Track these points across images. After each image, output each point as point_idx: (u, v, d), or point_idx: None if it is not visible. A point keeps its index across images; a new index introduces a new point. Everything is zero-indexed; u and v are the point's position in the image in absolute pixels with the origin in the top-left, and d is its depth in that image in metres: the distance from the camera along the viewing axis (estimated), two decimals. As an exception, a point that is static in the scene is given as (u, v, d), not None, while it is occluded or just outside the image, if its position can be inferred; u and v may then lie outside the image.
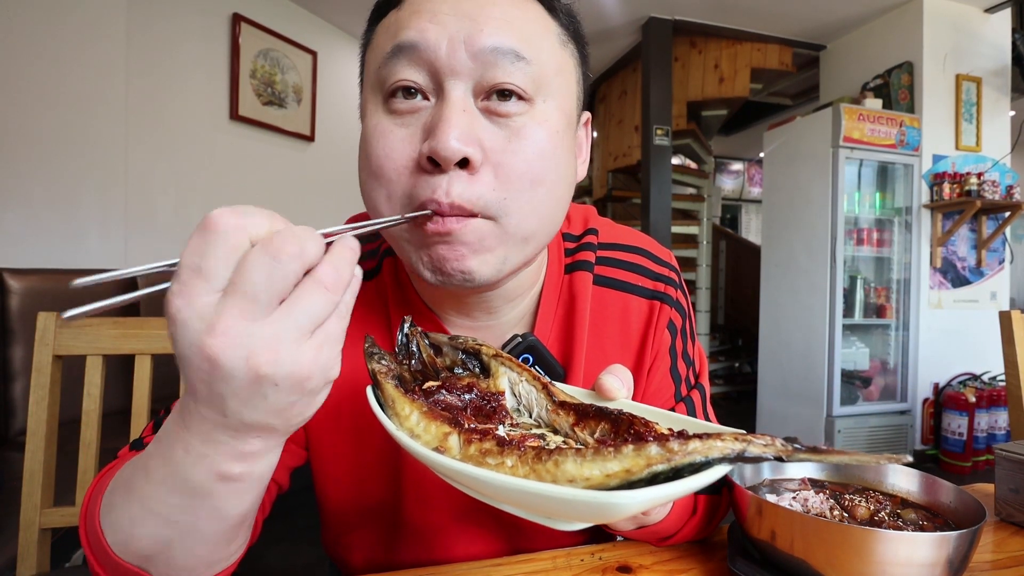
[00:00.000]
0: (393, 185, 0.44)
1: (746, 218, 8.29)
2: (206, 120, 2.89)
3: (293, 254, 0.27)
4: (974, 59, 3.30)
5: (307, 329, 0.29)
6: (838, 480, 0.61)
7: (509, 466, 0.28)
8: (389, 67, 0.43)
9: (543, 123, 0.45)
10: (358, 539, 0.61)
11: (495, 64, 0.42)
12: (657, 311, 0.60)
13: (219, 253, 0.27)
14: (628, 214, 4.83)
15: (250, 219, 0.28)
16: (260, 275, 0.27)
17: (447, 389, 0.39)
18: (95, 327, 0.86)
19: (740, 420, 3.99)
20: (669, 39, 3.65)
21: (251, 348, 0.27)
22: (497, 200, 0.43)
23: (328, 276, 0.29)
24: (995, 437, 3.06)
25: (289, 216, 0.31)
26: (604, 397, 0.40)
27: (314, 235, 0.29)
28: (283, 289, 0.28)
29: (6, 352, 1.93)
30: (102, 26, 2.43)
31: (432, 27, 0.42)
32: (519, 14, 0.45)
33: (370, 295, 0.58)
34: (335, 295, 0.30)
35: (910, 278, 3.20)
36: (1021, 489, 0.62)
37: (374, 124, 0.45)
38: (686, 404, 0.62)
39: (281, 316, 0.28)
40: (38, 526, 0.82)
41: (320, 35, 3.51)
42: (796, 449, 0.26)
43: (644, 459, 0.26)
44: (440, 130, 0.41)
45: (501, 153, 0.43)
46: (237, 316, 0.27)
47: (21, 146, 2.19)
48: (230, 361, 0.27)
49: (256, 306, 0.27)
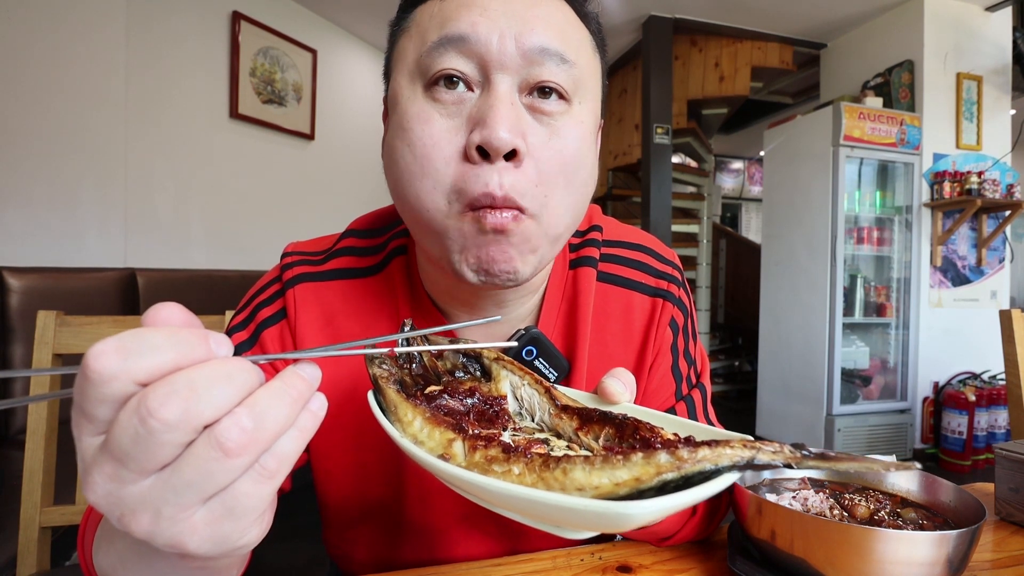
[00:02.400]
0: (440, 175, 0.43)
1: (746, 217, 8.28)
2: (206, 118, 2.88)
3: (168, 421, 0.21)
4: (975, 58, 3.30)
5: (195, 498, 0.23)
6: (838, 479, 0.61)
7: (516, 474, 0.28)
8: (435, 56, 0.43)
9: (579, 124, 0.46)
10: (359, 538, 0.61)
11: (541, 63, 0.44)
12: (660, 308, 0.60)
13: (94, 400, 0.23)
14: (628, 212, 4.82)
15: (135, 361, 0.22)
16: (126, 439, 0.22)
17: (449, 394, 0.38)
18: (95, 326, 0.86)
19: (740, 419, 3.99)
20: (669, 37, 3.64)
21: (123, 509, 0.23)
22: (539, 197, 0.44)
23: (230, 436, 0.23)
24: (995, 436, 3.06)
25: (289, 215, 0.29)
26: (607, 401, 0.40)
27: (224, 378, 0.23)
28: (160, 456, 0.22)
29: (6, 351, 1.93)
30: (102, 24, 2.43)
31: (483, 21, 0.43)
32: (562, 18, 0.46)
33: (374, 290, 0.58)
34: (241, 458, 0.23)
35: (910, 277, 3.20)
36: (1021, 488, 0.62)
37: (416, 111, 0.44)
38: (686, 403, 0.62)
39: (159, 482, 0.23)
40: (38, 524, 0.82)
41: (320, 33, 3.50)
42: (805, 456, 0.26)
43: (654, 467, 0.26)
44: (492, 120, 0.41)
45: (542, 149, 0.44)
46: (106, 475, 0.23)
47: (21, 144, 2.19)
48: (107, 512, 0.24)
49: (125, 470, 0.23)
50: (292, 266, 0.58)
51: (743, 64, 3.86)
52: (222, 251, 2.94)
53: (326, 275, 0.58)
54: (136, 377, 0.22)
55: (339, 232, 0.63)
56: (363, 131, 3.86)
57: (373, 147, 4.41)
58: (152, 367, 0.22)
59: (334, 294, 0.57)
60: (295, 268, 0.58)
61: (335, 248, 0.60)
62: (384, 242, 0.61)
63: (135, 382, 0.22)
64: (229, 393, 0.23)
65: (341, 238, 0.61)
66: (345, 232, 0.62)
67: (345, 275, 0.58)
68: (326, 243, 0.62)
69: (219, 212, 2.95)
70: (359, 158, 3.81)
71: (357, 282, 0.58)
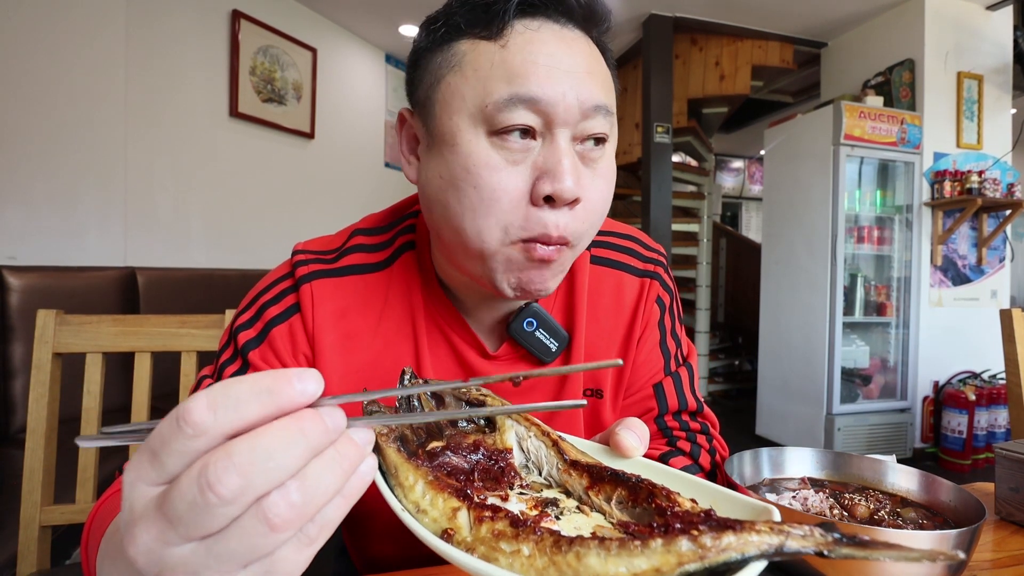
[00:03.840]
0: (508, 215, 0.48)
1: (746, 216, 8.28)
2: (205, 117, 2.88)
3: (225, 497, 0.21)
4: (976, 57, 3.29)
5: (236, 564, 0.23)
6: (838, 479, 0.61)
7: (526, 555, 0.26)
8: (506, 111, 0.47)
9: (610, 160, 0.53)
10: (372, 532, 0.63)
11: (593, 117, 0.49)
12: (647, 287, 0.67)
13: (176, 452, 0.23)
14: (628, 211, 4.82)
15: (223, 415, 0.23)
16: (183, 504, 0.22)
17: (452, 450, 0.37)
18: (95, 325, 0.86)
19: (740, 418, 4.00)
20: (670, 36, 3.64)
21: (161, 567, 0.23)
22: (584, 232, 0.51)
23: (279, 511, 0.22)
24: (995, 435, 3.06)
25: (289, 214, 0.29)
26: (619, 454, 0.39)
27: (292, 440, 0.23)
28: (210, 526, 0.22)
29: (6, 349, 1.93)
30: (102, 23, 2.42)
31: (550, 82, 0.47)
32: (599, 67, 0.51)
33: (384, 284, 0.60)
34: (286, 532, 0.23)
35: (910, 276, 3.20)
36: (1021, 488, 0.62)
37: (484, 157, 0.48)
38: (673, 379, 0.67)
39: (202, 548, 0.23)
40: (38, 523, 0.82)
41: (320, 32, 3.50)
42: (836, 540, 0.23)
43: (675, 556, 0.24)
44: (560, 174, 0.47)
45: (591, 190, 0.50)
46: (152, 535, 0.23)
47: (20, 143, 2.18)
48: (143, 568, 0.24)
49: (172, 533, 0.23)
50: (306, 263, 0.60)
51: (743, 63, 3.85)
52: (222, 250, 2.94)
53: (340, 271, 0.60)
54: (224, 432, 0.23)
55: (343, 230, 0.65)
56: (363, 130, 3.86)
57: (373, 146, 4.40)
58: (237, 421, 0.23)
59: (347, 290, 0.59)
60: (309, 265, 0.59)
61: (346, 246, 0.62)
62: (391, 238, 0.63)
63: (224, 436, 0.23)
64: (288, 461, 0.23)
65: (351, 236, 0.63)
66: (353, 231, 0.64)
67: (357, 271, 0.60)
68: (335, 242, 0.63)
69: (219, 211, 2.95)
70: (359, 157, 3.81)
71: (369, 277, 0.60)
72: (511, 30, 0.48)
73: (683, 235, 4.50)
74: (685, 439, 0.65)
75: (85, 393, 0.85)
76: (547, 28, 0.48)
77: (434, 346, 0.60)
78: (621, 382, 0.65)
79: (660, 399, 0.65)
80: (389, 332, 0.59)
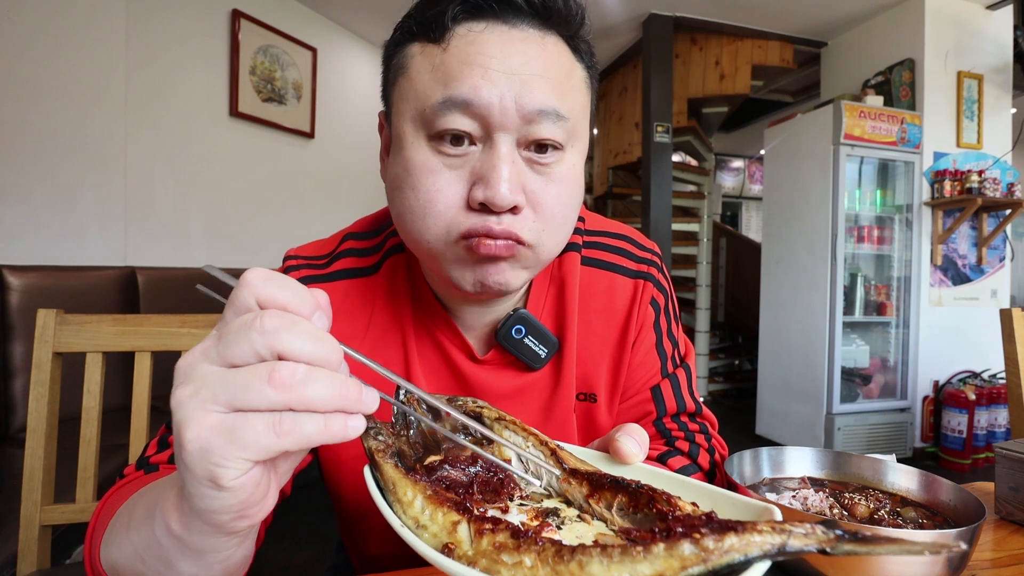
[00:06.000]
0: (443, 218, 0.47)
1: (746, 215, 8.28)
2: (205, 116, 2.88)
3: (266, 328, 0.27)
4: (976, 56, 3.29)
5: (224, 398, 0.27)
6: (838, 479, 0.61)
7: (528, 566, 0.26)
8: (439, 115, 0.46)
9: (572, 167, 0.50)
10: (370, 530, 0.63)
11: (539, 122, 0.46)
12: (641, 288, 0.65)
13: (239, 302, 0.29)
14: (628, 211, 4.82)
15: (268, 286, 0.29)
16: (236, 325, 0.28)
17: (450, 463, 0.37)
18: (95, 324, 0.86)
19: (740, 418, 4.00)
20: (670, 36, 3.64)
21: (188, 375, 0.28)
22: (536, 231, 0.49)
23: (283, 372, 0.26)
24: (995, 435, 3.06)
25: (289, 213, 0.30)
26: (618, 460, 0.39)
27: (313, 336, 0.28)
28: (239, 352, 0.27)
29: (6, 349, 1.93)
30: (101, 22, 2.42)
31: (484, 84, 0.45)
32: (556, 67, 0.48)
33: (373, 288, 0.60)
34: (277, 395, 0.26)
35: (911, 275, 3.20)
36: (1021, 487, 0.62)
37: (421, 161, 0.47)
38: (671, 381, 0.66)
39: (219, 372, 0.27)
40: (38, 523, 0.82)
41: (320, 31, 3.50)
42: (839, 537, 0.24)
43: (678, 560, 0.24)
44: (494, 181, 0.45)
45: (540, 195, 0.48)
46: (202, 348, 0.28)
47: (20, 142, 2.18)
48: (176, 379, 0.28)
49: (214, 349, 0.28)
50: (297, 268, 0.60)
51: (743, 62, 3.85)
52: (222, 249, 2.94)
53: (331, 276, 0.60)
54: (259, 297, 0.28)
55: (336, 234, 0.65)
56: (363, 129, 3.85)
57: (373, 145, 4.43)
58: (273, 296, 0.28)
59: (337, 295, 0.59)
60: (300, 271, 0.60)
61: (337, 251, 0.62)
62: (381, 242, 0.63)
63: (257, 300, 0.28)
64: (307, 347, 0.27)
65: (342, 241, 0.63)
66: (345, 235, 0.64)
67: (347, 275, 0.61)
68: (326, 247, 0.63)
69: (219, 210, 2.95)
70: (359, 156, 3.81)
71: (359, 281, 0.60)
72: (453, 33, 0.46)
73: (683, 235, 4.50)
74: (684, 439, 0.65)
75: (85, 393, 0.85)
76: (493, 30, 0.46)
77: (423, 349, 0.60)
78: (616, 386, 0.64)
79: (658, 402, 0.65)
80: (378, 336, 0.59)
